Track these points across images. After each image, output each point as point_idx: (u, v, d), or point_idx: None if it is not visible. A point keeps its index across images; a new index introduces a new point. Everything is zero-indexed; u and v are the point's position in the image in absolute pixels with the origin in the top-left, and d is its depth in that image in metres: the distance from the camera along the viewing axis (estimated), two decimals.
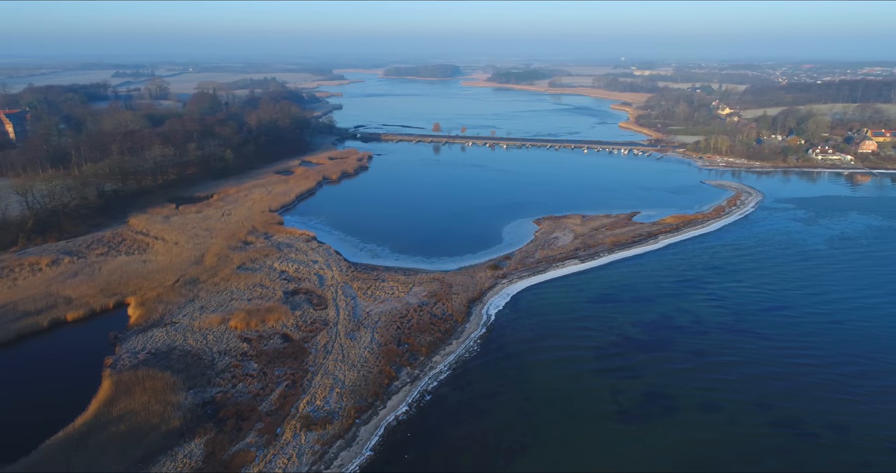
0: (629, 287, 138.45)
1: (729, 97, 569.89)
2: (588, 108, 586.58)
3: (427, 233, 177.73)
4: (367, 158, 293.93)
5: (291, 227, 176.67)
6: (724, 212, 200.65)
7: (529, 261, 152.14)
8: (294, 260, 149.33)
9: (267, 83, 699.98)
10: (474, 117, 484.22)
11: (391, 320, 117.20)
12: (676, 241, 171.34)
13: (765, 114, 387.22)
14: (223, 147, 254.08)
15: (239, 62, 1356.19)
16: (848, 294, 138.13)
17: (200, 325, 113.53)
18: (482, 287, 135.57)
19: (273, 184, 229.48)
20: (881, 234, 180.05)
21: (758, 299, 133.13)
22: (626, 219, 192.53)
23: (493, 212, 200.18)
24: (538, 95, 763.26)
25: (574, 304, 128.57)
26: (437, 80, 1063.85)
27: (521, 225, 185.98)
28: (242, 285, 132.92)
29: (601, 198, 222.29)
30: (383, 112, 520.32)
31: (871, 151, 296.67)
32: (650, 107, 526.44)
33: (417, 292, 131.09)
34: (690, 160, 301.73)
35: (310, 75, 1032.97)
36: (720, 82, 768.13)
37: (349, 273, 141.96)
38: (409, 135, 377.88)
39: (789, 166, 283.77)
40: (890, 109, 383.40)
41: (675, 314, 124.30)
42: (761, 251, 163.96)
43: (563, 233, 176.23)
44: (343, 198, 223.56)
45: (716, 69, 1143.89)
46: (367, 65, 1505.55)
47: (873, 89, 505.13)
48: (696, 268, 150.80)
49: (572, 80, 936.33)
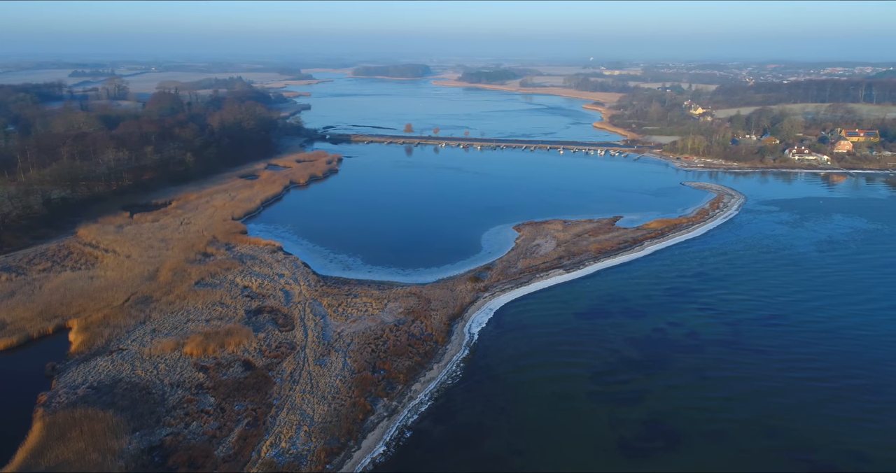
0: (618, 298, 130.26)
1: (700, 97, 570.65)
2: (560, 108, 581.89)
3: (402, 241, 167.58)
4: (337, 161, 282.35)
5: (255, 237, 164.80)
6: (708, 215, 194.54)
7: (512, 272, 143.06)
8: (258, 274, 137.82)
9: (232, 83, 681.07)
10: (446, 117, 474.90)
11: (365, 342, 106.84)
12: (663, 247, 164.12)
13: (738, 114, 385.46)
14: (183, 150, 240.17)
15: (204, 61, 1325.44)
16: (841, 301, 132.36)
17: (151, 352, 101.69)
18: (463, 301, 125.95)
19: (237, 190, 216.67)
20: (868, 237, 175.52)
21: (751, 309, 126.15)
22: (609, 223, 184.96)
23: (471, 218, 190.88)
24: (509, 95, 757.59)
25: (562, 319, 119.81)
26: (408, 80, 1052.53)
27: (501, 231, 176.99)
28: (200, 303, 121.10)
29: (581, 201, 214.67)
30: (353, 112, 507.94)
31: (847, 151, 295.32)
32: (623, 106, 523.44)
33: (393, 309, 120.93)
34: (668, 161, 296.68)
35: (277, 75, 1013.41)
36: (689, 82, 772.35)
37: (318, 288, 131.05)
38: (381, 136, 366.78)
39: (767, 167, 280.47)
40: (861, 109, 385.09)
41: (669, 327, 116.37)
42: (750, 257, 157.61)
43: (545, 239, 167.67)
44: (312, 203, 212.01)
45: (683, 69, 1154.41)
46: (336, 64, 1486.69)
47: (841, 89, 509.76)
48: (686, 277, 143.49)
49: (543, 80, 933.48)
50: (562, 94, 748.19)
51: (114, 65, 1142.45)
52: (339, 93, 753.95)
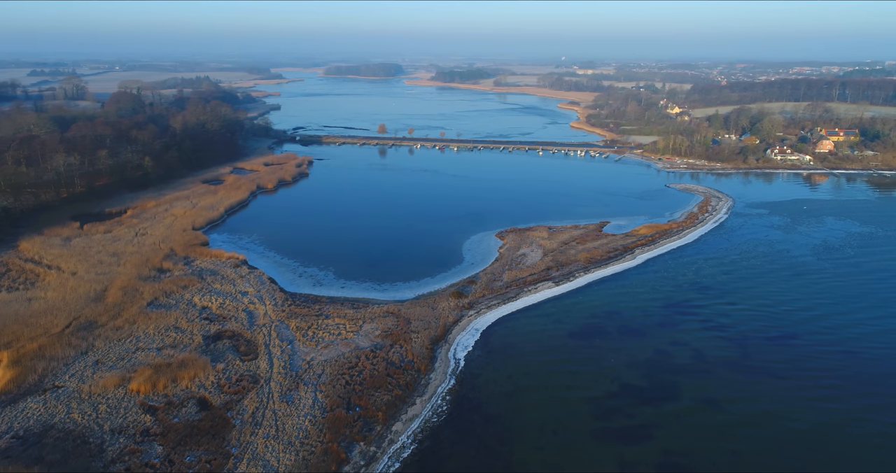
0: (614, 315, 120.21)
1: (675, 96, 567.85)
2: (536, 108, 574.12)
3: (377, 251, 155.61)
4: (308, 164, 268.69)
5: (218, 249, 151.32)
6: (698, 219, 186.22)
7: (497, 286, 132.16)
8: (219, 293, 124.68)
9: (199, 82, 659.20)
10: (421, 117, 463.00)
11: (338, 372, 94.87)
12: (655, 256, 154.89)
13: (717, 113, 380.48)
14: (141, 153, 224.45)
15: (171, 61, 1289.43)
16: (847, 311, 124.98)
17: (92, 390, 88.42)
18: (446, 321, 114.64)
19: (199, 196, 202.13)
20: (864, 242, 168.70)
21: (757, 325, 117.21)
22: (597, 230, 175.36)
23: (451, 225, 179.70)
24: (483, 95, 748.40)
25: (555, 340, 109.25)
26: (380, 79, 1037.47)
27: (483, 239, 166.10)
28: (152, 329, 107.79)
29: (565, 205, 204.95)
30: (324, 112, 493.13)
31: (829, 151, 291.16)
32: (599, 106, 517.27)
33: (369, 331, 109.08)
34: (650, 161, 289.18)
35: (246, 74, 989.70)
36: (663, 81, 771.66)
37: (286, 307, 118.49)
38: (353, 138, 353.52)
39: (750, 167, 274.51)
40: (838, 108, 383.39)
41: (673, 349, 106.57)
42: (748, 266, 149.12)
43: (531, 248, 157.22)
44: (280, 210, 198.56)
45: (656, 68, 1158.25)
46: (307, 63, 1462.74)
47: (814, 88, 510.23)
48: (683, 289, 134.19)
49: (517, 79, 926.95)
50: (536, 94, 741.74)
51: (75, 64, 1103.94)
52: (310, 92, 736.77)
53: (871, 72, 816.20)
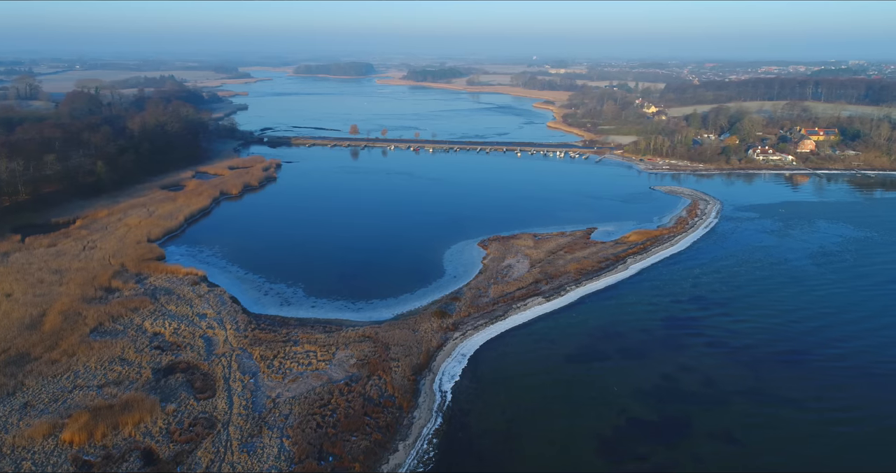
0: (612, 334, 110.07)
1: (650, 95, 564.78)
2: (511, 107, 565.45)
3: (351, 264, 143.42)
4: (275, 167, 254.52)
5: (175, 264, 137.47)
6: (688, 224, 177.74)
7: (483, 302, 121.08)
8: (174, 316, 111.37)
9: (162, 81, 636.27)
10: (394, 117, 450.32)
11: (308, 411, 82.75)
12: (648, 265, 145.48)
13: (695, 113, 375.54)
14: (94, 157, 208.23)
15: (135, 59, 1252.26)
16: (859, 326, 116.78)
17: (16, 441, 75.02)
18: (429, 345, 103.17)
19: (157, 203, 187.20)
20: (861, 247, 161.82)
21: (765, 342, 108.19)
22: (584, 237, 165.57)
23: (429, 233, 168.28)
24: (456, 94, 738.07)
25: (551, 366, 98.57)
26: (351, 79, 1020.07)
27: (465, 249, 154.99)
28: (94, 361, 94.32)
29: (549, 210, 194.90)
30: (294, 113, 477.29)
31: (811, 151, 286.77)
32: (574, 105, 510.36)
33: (343, 359, 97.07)
34: (631, 162, 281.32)
35: (213, 73, 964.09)
36: (635, 80, 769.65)
37: (249, 332, 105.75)
38: (324, 139, 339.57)
39: (733, 168, 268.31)
40: (816, 107, 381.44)
41: (680, 373, 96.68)
42: (746, 274, 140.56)
43: (516, 259, 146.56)
44: (245, 218, 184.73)
45: (627, 67, 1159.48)
46: (276, 62, 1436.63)
47: (787, 87, 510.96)
48: (683, 302, 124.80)
49: (490, 78, 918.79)
50: (510, 93, 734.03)
51: (33, 62, 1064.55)
52: (278, 92, 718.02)
53: (837, 71, 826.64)
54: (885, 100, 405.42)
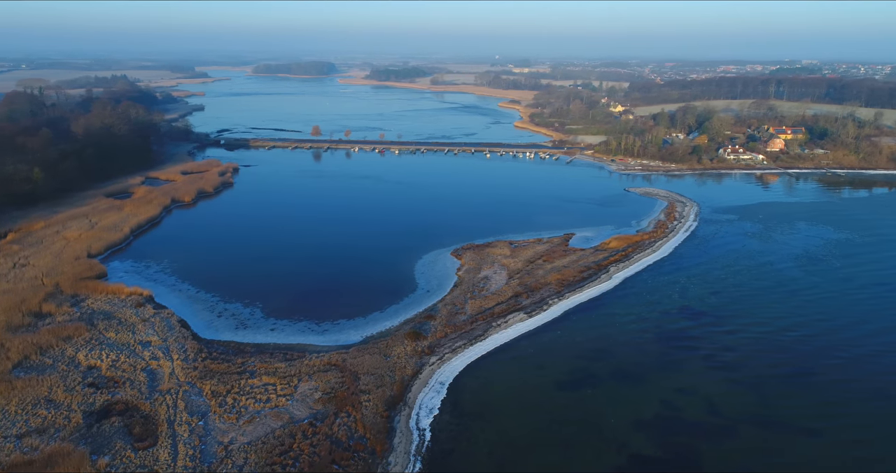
0: (603, 354, 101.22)
1: (615, 94, 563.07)
2: (476, 107, 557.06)
3: (315, 279, 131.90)
4: (233, 171, 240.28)
5: (117, 283, 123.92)
6: (668, 228, 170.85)
7: (460, 321, 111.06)
8: (113, 345, 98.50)
9: (114, 81, 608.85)
10: (357, 118, 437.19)
11: (267, 460, 71.51)
12: (632, 274, 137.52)
13: (662, 112, 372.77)
14: (30, 163, 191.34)
15: (86, 58, 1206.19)
16: (854, 333, 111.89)
17: None
18: (403, 374, 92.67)
19: (100, 213, 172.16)
20: (846, 251, 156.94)
21: (767, 360, 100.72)
22: (562, 243, 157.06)
23: (399, 242, 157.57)
24: (421, 93, 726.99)
25: (539, 394, 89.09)
26: (312, 78, 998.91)
27: (438, 259, 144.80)
28: (14, 404, 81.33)
29: (523, 215, 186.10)
30: (253, 113, 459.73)
31: (780, 150, 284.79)
32: (541, 105, 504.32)
33: (307, 393, 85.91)
34: (602, 163, 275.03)
35: (168, 73, 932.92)
36: (599, 80, 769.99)
37: (199, 362, 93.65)
38: (284, 141, 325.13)
39: (705, 168, 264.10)
40: (782, 106, 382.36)
41: (680, 399, 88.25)
42: (735, 283, 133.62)
43: (493, 269, 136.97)
44: (198, 229, 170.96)
45: (590, 67, 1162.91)
46: (235, 62, 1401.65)
47: (750, 86, 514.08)
48: (673, 316, 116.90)
49: (454, 78, 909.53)
50: (475, 92, 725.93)
51: None
52: (237, 92, 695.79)
53: (795, 70, 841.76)
54: (847, 98, 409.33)
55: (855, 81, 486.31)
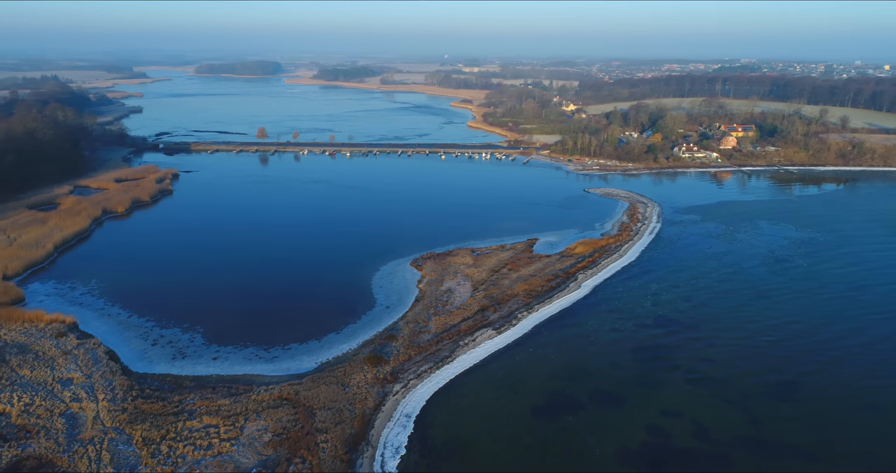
0: (579, 373, 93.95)
1: (566, 93, 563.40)
2: (428, 107, 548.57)
3: (262, 297, 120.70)
4: (172, 177, 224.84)
5: (36, 309, 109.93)
6: (633, 231, 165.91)
7: (424, 340, 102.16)
8: (27, 385, 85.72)
9: (43, 82, 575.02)
10: (306, 119, 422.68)
11: None
12: (601, 282, 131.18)
13: (615, 110, 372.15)
14: None
15: (14, 58, 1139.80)
16: (835, 341, 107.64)
17: None
18: (364, 406, 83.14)
19: (20, 228, 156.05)
20: (810, 250, 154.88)
21: (748, 369, 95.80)
22: (526, 250, 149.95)
23: (353, 252, 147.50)
24: (370, 93, 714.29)
25: (515, 423, 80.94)
26: (258, 78, 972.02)
27: (396, 271, 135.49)
28: None
29: (483, 219, 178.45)
30: (195, 115, 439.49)
31: (733, 148, 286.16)
32: (493, 104, 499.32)
33: (255, 435, 75.54)
34: (559, 163, 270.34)
35: (104, 73, 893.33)
36: (549, 78, 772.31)
37: (129, 403, 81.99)
38: (229, 144, 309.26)
39: (662, 167, 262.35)
40: (731, 103, 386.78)
41: (667, 423, 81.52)
42: (705, 288, 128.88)
43: (456, 280, 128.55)
44: (132, 243, 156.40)
45: (539, 66, 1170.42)
46: (176, 62, 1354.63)
47: (697, 84, 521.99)
48: (648, 326, 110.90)
49: (404, 77, 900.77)
50: (426, 92, 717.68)
51: None
52: (178, 93, 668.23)
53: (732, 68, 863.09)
54: (791, 95, 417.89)
55: (797, 79, 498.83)
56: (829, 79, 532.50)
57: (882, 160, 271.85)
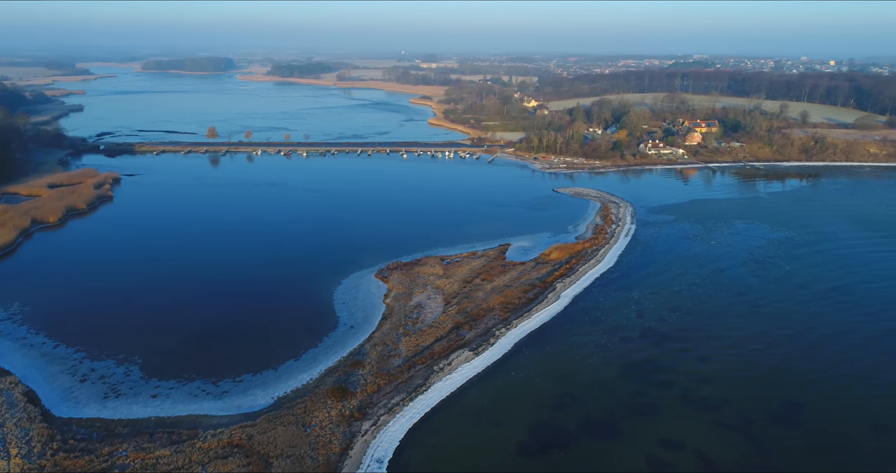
0: (567, 400, 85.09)
1: (526, 89, 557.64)
2: (387, 103, 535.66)
3: (211, 318, 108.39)
4: (112, 182, 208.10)
5: None
6: (608, 233, 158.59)
7: (395, 366, 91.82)
8: None
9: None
10: (259, 117, 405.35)
11: None
12: (581, 290, 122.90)
13: (577, 106, 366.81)
14: None
15: None
16: (826, 349, 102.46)
17: None
18: (329, 451, 72.45)
19: None
20: (789, 251, 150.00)
21: (748, 392, 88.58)
22: (499, 256, 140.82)
23: (312, 263, 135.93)
24: (327, 90, 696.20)
25: (501, 464, 71.71)
26: (209, 75, 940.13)
27: (360, 283, 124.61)
28: None
29: (451, 224, 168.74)
30: (141, 114, 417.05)
31: (699, 144, 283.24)
32: (453, 100, 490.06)
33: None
34: (525, 161, 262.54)
35: (44, 69, 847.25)
36: (508, 74, 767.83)
37: (48, 458, 69.53)
38: (177, 144, 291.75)
39: (629, 164, 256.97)
40: (693, 99, 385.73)
41: (668, 456, 73.43)
42: (690, 295, 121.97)
43: (426, 293, 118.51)
44: (65, 258, 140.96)
45: (497, 62, 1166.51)
46: (122, 58, 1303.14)
47: (657, 79, 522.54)
48: (635, 340, 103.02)
49: (361, 73, 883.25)
50: (384, 88, 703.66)
51: None
52: (124, 90, 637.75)
53: (687, 64, 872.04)
54: (749, 91, 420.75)
55: (754, 75, 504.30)
56: (784, 74, 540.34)
57: (844, 155, 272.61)
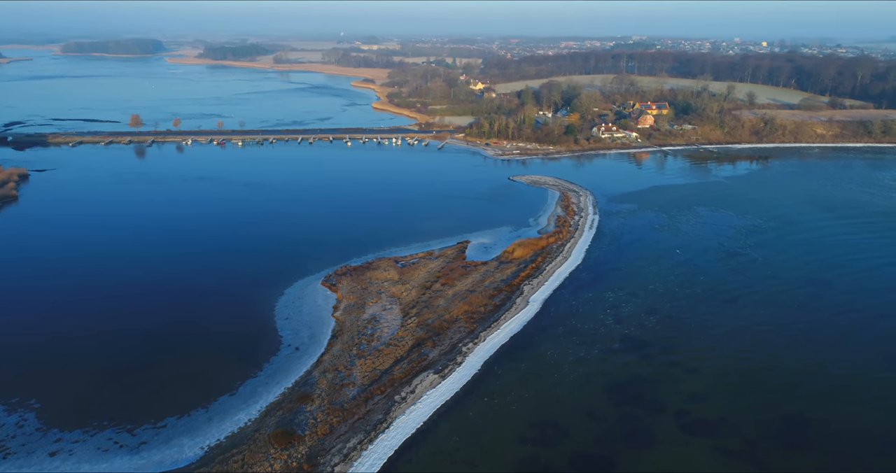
0: (550, 431, 74.11)
1: (471, 71, 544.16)
2: (327, 87, 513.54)
3: (126, 343, 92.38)
4: (18, 179, 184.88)
5: None
6: (571, 226, 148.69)
7: (349, 398, 78.71)
8: None
9: None
10: (189, 103, 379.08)
11: None
12: (550, 293, 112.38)
13: (526, 89, 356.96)
14: None
15: None
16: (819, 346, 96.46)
17: None
18: None
19: None
20: (758, 242, 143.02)
21: (746, 406, 79.95)
22: (458, 256, 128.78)
23: (249, 270, 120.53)
24: (264, 73, 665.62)
25: None
26: (135, 58, 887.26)
27: (305, 294, 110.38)
28: None
29: (403, 219, 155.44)
30: (58, 101, 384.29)
31: (651, 126, 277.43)
32: (397, 83, 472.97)
33: None
34: (476, 147, 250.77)
35: None
36: (452, 56, 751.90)
37: None
38: (96, 134, 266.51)
39: (583, 149, 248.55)
40: (642, 81, 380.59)
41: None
42: (666, 295, 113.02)
43: (381, 303, 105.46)
44: None
45: (439, 43, 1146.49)
46: (39, 40, 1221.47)
47: (602, 60, 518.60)
48: (618, 353, 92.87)
49: (299, 56, 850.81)
50: (324, 71, 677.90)
51: None
52: (40, 75, 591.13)
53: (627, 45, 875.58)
54: (694, 72, 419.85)
55: (698, 56, 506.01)
56: (726, 56, 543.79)
57: (793, 136, 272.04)
